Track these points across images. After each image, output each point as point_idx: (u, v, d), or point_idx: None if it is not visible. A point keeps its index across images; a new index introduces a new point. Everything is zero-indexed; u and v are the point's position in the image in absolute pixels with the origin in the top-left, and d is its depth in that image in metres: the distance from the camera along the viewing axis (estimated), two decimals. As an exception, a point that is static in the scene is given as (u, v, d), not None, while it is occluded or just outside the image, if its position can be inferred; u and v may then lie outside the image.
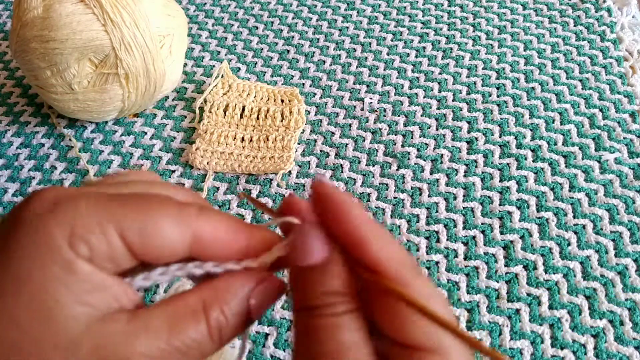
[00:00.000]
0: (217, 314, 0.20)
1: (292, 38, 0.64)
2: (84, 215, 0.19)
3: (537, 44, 0.63)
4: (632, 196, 0.49)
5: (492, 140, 0.53)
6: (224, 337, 0.20)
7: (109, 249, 0.19)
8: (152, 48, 0.49)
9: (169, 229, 0.20)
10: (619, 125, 0.54)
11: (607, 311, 0.42)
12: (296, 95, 0.56)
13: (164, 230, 0.20)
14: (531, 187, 0.50)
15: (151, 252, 0.20)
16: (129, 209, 0.19)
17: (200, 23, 0.67)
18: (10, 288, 0.18)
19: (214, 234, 0.21)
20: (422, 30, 0.65)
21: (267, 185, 0.50)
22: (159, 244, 0.20)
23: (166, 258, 0.20)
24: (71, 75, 0.48)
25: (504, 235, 0.47)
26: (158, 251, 0.20)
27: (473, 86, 0.58)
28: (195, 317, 0.20)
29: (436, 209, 0.49)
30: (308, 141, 0.54)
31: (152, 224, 0.19)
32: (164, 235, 0.20)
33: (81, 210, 0.19)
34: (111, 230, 0.19)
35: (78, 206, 0.19)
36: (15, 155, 0.54)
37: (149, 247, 0.19)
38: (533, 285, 0.44)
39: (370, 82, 0.59)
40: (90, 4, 0.47)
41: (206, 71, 0.61)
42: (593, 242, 0.46)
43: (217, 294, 0.20)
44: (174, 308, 0.20)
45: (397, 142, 0.53)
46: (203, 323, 0.20)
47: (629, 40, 0.63)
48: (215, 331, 0.20)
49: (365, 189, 0.50)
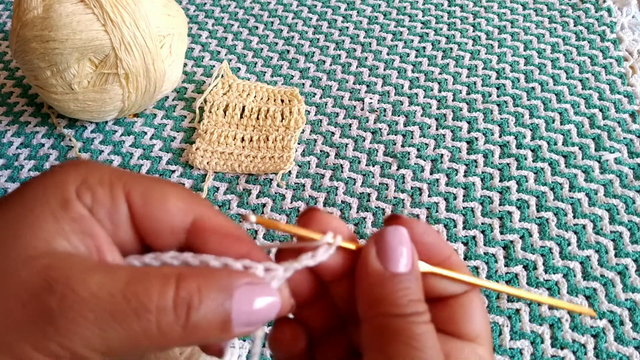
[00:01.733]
0: (191, 289, 0.17)
1: (292, 38, 0.64)
2: (100, 170, 0.19)
3: (537, 44, 0.63)
4: (632, 196, 0.49)
5: (492, 140, 0.53)
6: (190, 322, 0.17)
7: (112, 204, 0.19)
8: (152, 48, 0.49)
9: (174, 202, 0.20)
10: (619, 125, 0.54)
11: (607, 311, 0.42)
12: (296, 95, 0.56)
13: (168, 201, 0.19)
14: (531, 187, 0.50)
15: (150, 220, 0.19)
16: (143, 177, 0.20)
17: (200, 23, 0.67)
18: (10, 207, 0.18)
19: (218, 225, 0.20)
20: (422, 30, 0.65)
21: (267, 185, 0.50)
22: (159, 214, 0.19)
23: (163, 235, 0.20)
24: (71, 75, 0.48)
25: (504, 235, 0.47)
26: (157, 223, 0.19)
27: (473, 86, 0.58)
28: (163, 280, 0.18)
29: (436, 209, 0.49)
30: (308, 141, 0.54)
31: (158, 191, 0.20)
32: (167, 207, 0.19)
33: (99, 167, 0.19)
34: (119, 189, 0.19)
35: (98, 166, 0.20)
36: (15, 155, 0.54)
37: (149, 214, 0.19)
38: (533, 285, 0.44)
39: (370, 82, 0.59)
40: (90, 4, 0.47)
41: (206, 71, 0.61)
42: (593, 242, 0.46)
43: (199, 273, 0.18)
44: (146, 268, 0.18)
45: (397, 142, 0.53)
46: (171, 290, 0.17)
47: (629, 40, 0.63)
48: (182, 307, 0.17)
49: (365, 189, 0.50)
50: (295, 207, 0.49)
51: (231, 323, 0.18)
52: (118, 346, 0.17)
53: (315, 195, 0.50)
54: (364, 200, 0.49)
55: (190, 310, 0.17)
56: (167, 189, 0.20)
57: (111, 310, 0.16)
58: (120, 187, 0.19)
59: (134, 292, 0.17)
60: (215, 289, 0.18)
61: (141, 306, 0.17)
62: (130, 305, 0.17)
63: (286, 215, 0.48)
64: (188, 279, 0.18)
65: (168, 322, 0.17)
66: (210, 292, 0.18)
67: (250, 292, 0.18)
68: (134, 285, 0.17)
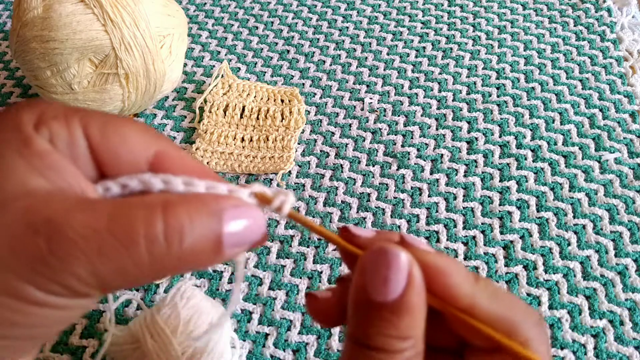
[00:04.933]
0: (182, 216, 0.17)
1: (292, 38, 0.64)
2: (55, 107, 0.19)
3: (537, 44, 0.63)
4: (632, 196, 0.49)
5: (492, 140, 0.53)
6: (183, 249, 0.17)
7: (69, 137, 0.18)
8: (152, 48, 0.49)
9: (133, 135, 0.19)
10: (619, 125, 0.54)
11: (607, 311, 0.42)
12: (296, 95, 0.56)
13: (127, 134, 0.19)
14: (531, 187, 0.50)
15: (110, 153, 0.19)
16: (100, 113, 0.19)
17: (200, 23, 0.66)
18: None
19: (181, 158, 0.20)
20: (422, 30, 0.65)
21: (267, 185, 0.50)
22: (119, 147, 0.19)
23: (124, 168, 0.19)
24: (71, 75, 0.48)
25: (504, 235, 0.47)
26: (117, 156, 0.19)
27: (473, 86, 0.58)
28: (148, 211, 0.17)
29: (436, 209, 0.49)
30: (308, 141, 0.54)
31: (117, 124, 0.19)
32: (126, 139, 0.19)
33: (54, 104, 0.19)
34: (75, 122, 0.19)
35: (52, 103, 0.19)
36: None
37: (108, 147, 0.19)
38: (533, 285, 0.44)
39: (370, 82, 0.59)
40: (90, 4, 0.47)
41: (206, 71, 0.61)
42: (593, 242, 0.46)
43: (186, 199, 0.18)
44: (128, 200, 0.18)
45: (397, 142, 0.53)
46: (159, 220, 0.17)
47: (629, 40, 0.63)
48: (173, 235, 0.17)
49: (365, 189, 0.50)
50: (295, 207, 0.49)
51: (223, 245, 0.18)
52: (111, 279, 0.17)
53: (315, 195, 0.50)
54: (364, 200, 0.49)
55: (183, 237, 0.17)
56: (126, 123, 0.20)
57: (98, 247, 0.17)
58: (77, 121, 0.19)
59: (119, 226, 0.17)
60: (205, 213, 0.18)
61: (128, 239, 0.17)
62: (117, 240, 0.17)
63: (286, 215, 0.48)
64: (177, 206, 0.18)
65: (160, 251, 0.17)
66: (201, 217, 0.18)
67: (237, 213, 0.19)
68: (118, 219, 0.17)
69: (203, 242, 0.18)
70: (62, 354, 0.40)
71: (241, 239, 0.19)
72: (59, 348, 0.40)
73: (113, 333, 0.38)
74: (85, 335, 0.41)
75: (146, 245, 0.17)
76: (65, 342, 0.41)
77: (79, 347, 0.40)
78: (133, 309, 0.42)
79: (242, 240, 0.19)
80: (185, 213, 0.17)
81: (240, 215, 0.19)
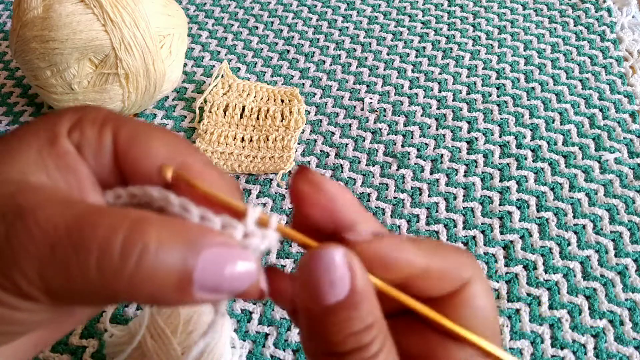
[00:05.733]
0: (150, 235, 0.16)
1: (292, 38, 0.64)
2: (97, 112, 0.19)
3: (537, 44, 0.63)
4: (632, 196, 0.49)
5: (492, 140, 0.53)
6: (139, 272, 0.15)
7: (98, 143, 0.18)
8: (152, 48, 0.49)
9: (157, 147, 0.19)
10: (619, 125, 0.54)
11: (607, 311, 0.42)
12: (296, 95, 0.56)
13: (151, 145, 0.19)
14: (531, 187, 0.50)
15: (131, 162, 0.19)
16: (135, 121, 0.19)
17: (200, 23, 0.66)
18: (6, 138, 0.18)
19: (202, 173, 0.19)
20: (422, 30, 0.65)
21: (267, 185, 0.50)
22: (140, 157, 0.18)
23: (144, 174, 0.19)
24: (71, 75, 0.48)
25: (504, 235, 0.47)
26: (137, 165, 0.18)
27: (473, 86, 0.58)
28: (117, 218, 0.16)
29: (436, 209, 0.49)
30: (308, 141, 0.54)
31: (144, 133, 0.19)
32: (149, 150, 0.19)
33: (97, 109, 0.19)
34: (107, 128, 0.19)
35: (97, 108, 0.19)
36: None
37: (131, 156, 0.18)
38: (533, 285, 0.44)
39: (370, 82, 0.59)
40: (90, 4, 0.47)
41: (206, 71, 0.61)
42: (593, 242, 0.46)
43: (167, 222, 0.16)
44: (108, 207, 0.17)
45: (397, 142, 0.53)
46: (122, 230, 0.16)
47: (629, 40, 0.63)
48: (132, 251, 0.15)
49: (365, 189, 0.50)
50: (295, 207, 0.49)
51: (192, 284, 0.16)
52: (57, 285, 0.15)
53: (315, 195, 0.50)
54: (364, 200, 0.49)
55: (142, 258, 0.15)
56: (154, 133, 0.19)
57: (51, 244, 0.15)
58: (110, 127, 0.19)
59: (79, 226, 0.15)
60: (180, 242, 0.16)
61: (81, 242, 0.15)
62: (70, 240, 0.15)
63: (286, 215, 0.48)
64: (150, 224, 0.16)
65: (110, 266, 0.15)
66: (173, 244, 0.16)
67: (223, 254, 0.16)
68: (82, 221, 0.15)
69: (166, 273, 0.15)
70: (62, 353, 0.40)
71: (220, 284, 0.16)
72: (59, 348, 0.40)
73: (113, 333, 0.38)
74: (85, 335, 0.41)
75: (97, 255, 0.15)
76: (65, 342, 0.41)
77: (79, 347, 0.40)
78: (133, 309, 0.42)
79: (220, 286, 0.16)
80: (156, 233, 0.16)
81: (226, 258, 0.16)
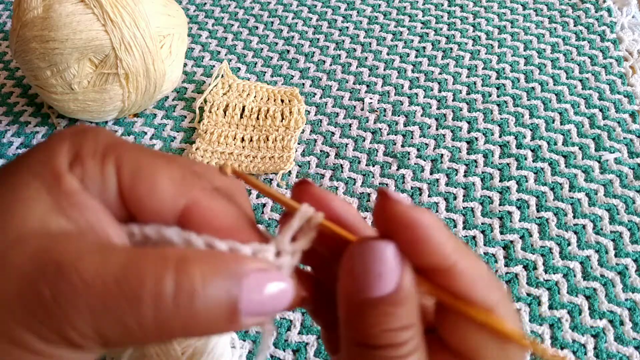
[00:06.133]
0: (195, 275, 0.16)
1: (292, 38, 0.64)
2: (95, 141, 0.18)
3: (537, 44, 0.63)
4: (632, 196, 0.49)
5: (492, 140, 0.53)
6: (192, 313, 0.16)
7: (101, 177, 0.18)
8: (152, 48, 0.49)
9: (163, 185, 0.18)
10: (619, 125, 0.54)
11: (607, 311, 0.42)
12: (296, 95, 0.56)
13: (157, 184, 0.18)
14: (531, 187, 0.50)
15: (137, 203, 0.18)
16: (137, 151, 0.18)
17: (200, 23, 0.67)
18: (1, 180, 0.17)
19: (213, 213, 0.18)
20: (422, 30, 0.65)
21: (267, 185, 0.50)
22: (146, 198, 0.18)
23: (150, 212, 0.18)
24: (71, 75, 0.48)
25: (504, 235, 0.47)
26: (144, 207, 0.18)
27: (473, 86, 0.58)
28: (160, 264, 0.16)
29: (436, 209, 0.49)
30: (308, 141, 0.54)
31: (148, 171, 0.18)
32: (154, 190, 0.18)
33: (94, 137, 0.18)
34: (110, 162, 0.18)
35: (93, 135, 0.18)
36: (15, 155, 0.54)
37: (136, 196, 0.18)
38: (533, 285, 0.44)
39: (370, 82, 0.59)
40: (90, 4, 0.47)
41: (206, 71, 0.61)
42: (593, 242, 0.46)
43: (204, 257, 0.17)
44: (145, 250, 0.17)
45: (397, 142, 0.53)
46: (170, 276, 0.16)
47: (629, 40, 0.63)
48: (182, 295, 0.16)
49: (365, 189, 0.50)
50: (295, 207, 0.49)
51: (239, 313, 0.16)
52: (113, 337, 0.16)
53: (315, 195, 0.50)
54: (364, 200, 0.49)
55: (193, 299, 0.16)
56: (159, 169, 0.18)
57: (103, 300, 0.15)
58: (112, 162, 0.18)
59: (126, 276, 0.15)
60: (222, 275, 0.16)
61: (131, 292, 0.15)
62: (121, 291, 0.15)
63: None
64: (192, 264, 0.16)
65: (166, 313, 0.16)
66: (216, 279, 0.16)
67: (261, 279, 0.17)
68: (127, 271, 0.16)
69: (216, 308, 0.16)
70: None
71: (263, 307, 0.17)
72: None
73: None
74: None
75: (152, 304, 0.15)
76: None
77: (79, 347, 0.40)
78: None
79: (264, 309, 0.17)
80: (199, 271, 0.16)
81: (264, 281, 0.17)
